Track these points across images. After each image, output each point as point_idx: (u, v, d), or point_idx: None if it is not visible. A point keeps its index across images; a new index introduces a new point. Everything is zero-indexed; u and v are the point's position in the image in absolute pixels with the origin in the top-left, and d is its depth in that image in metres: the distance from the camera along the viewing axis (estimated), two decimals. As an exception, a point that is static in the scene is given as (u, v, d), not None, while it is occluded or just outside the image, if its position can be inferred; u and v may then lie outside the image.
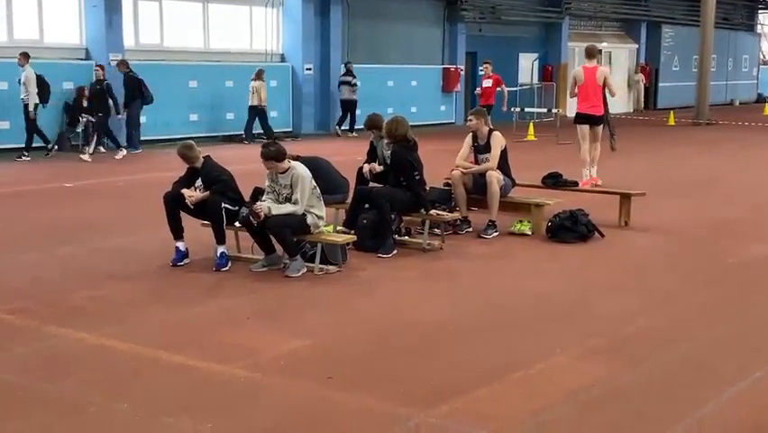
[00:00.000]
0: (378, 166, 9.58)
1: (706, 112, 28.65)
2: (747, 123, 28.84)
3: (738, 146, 22.16)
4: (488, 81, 20.72)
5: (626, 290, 7.79)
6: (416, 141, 9.39)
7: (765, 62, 46.56)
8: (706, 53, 28.53)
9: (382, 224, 8.95)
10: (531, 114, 24.73)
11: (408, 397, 5.15)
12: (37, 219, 10.84)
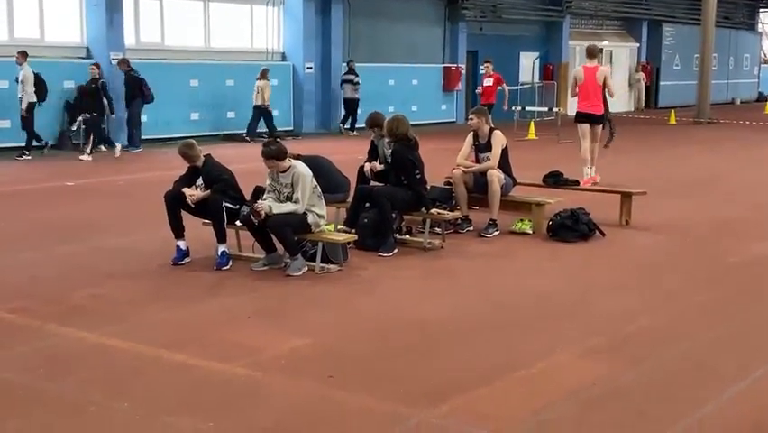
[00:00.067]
0: (379, 165, 9.58)
1: (707, 111, 28.62)
2: (748, 121, 28.82)
3: (739, 145, 22.16)
4: (488, 80, 20.70)
5: (627, 289, 7.79)
6: (417, 139, 9.39)
7: (766, 61, 46.51)
8: (707, 52, 28.52)
9: (383, 223, 8.95)
10: (532, 113, 24.70)
11: (409, 396, 5.15)
12: (38, 218, 10.84)
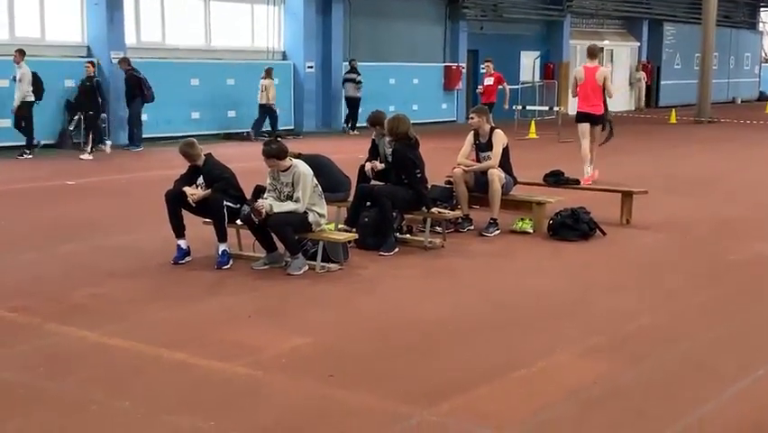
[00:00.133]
0: (379, 164, 9.58)
1: (708, 110, 28.61)
2: (749, 121, 28.79)
3: (740, 144, 22.14)
4: (489, 79, 20.70)
5: (628, 289, 7.79)
6: (418, 139, 9.39)
7: (767, 60, 46.48)
8: (708, 51, 28.52)
9: (384, 222, 8.95)
10: (532, 112, 24.72)
11: (409, 395, 5.15)
12: (38, 217, 10.84)
